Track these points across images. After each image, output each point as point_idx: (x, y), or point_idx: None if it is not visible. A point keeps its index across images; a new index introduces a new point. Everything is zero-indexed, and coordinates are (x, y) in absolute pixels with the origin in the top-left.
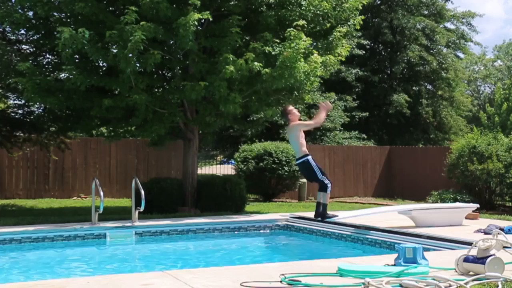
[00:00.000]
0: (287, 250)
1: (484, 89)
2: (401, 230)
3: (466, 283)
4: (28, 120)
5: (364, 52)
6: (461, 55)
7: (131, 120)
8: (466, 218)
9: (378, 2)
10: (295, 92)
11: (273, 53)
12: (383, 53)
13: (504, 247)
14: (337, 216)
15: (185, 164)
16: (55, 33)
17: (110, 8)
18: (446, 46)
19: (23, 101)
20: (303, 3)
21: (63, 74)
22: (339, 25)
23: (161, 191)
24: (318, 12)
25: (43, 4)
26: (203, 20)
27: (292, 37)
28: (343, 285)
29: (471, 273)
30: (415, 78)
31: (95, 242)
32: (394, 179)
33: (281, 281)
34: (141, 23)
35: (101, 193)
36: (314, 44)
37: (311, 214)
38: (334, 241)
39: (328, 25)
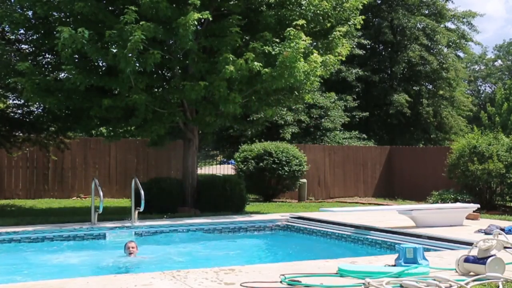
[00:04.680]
0: (287, 250)
1: (485, 88)
2: (401, 230)
3: (466, 284)
4: (27, 120)
5: (364, 52)
6: (462, 54)
7: (131, 120)
8: (466, 218)
9: (379, 2)
10: (295, 92)
11: (273, 53)
12: (383, 53)
13: (505, 247)
14: None
15: (185, 164)
16: (55, 32)
17: (110, 8)
18: (446, 46)
19: (22, 101)
20: (303, 2)
21: (62, 74)
22: (339, 25)
23: (161, 191)
24: (318, 11)
25: (42, 3)
26: (203, 20)
27: (291, 37)
28: (343, 285)
29: (471, 273)
30: (416, 78)
31: (95, 242)
32: (395, 179)
33: (281, 281)
34: (140, 23)
35: (101, 193)
36: (314, 43)
37: (311, 214)
38: (334, 241)
39: (328, 24)
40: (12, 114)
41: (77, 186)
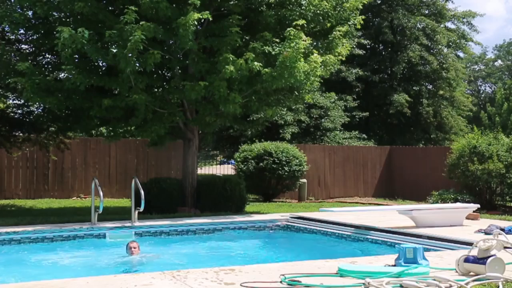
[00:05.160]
0: (287, 250)
1: (485, 88)
2: (402, 230)
3: (466, 284)
4: (27, 120)
5: (364, 52)
6: (462, 54)
7: (131, 120)
8: (466, 218)
9: (379, 2)
10: (295, 92)
11: (273, 53)
12: (383, 53)
13: (505, 247)
14: None
15: (185, 164)
16: (55, 32)
17: (110, 8)
18: (446, 46)
19: (22, 101)
20: (303, 2)
21: (62, 74)
22: (339, 25)
23: (161, 191)
24: (318, 11)
25: (42, 3)
26: (202, 20)
27: (292, 37)
28: (343, 285)
29: (471, 273)
30: (416, 78)
31: (95, 242)
32: (395, 179)
33: (281, 281)
34: (140, 23)
35: (101, 193)
36: (315, 43)
37: (311, 214)
38: (334, 241)
39: (329, 24)
40: (12, 114)
41: (77, 186)
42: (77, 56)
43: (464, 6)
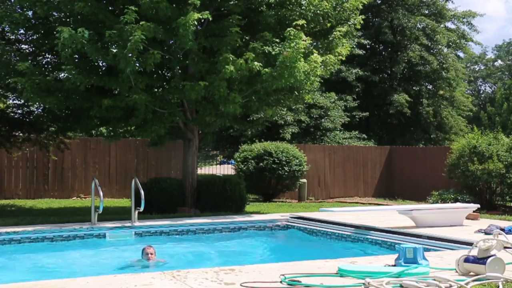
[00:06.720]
0: (287, 250)
1: (485, 88)
2: (401, 230)
3: (466, 284)
4: (27, 120)
5: (364, 52)
6: (462, 54)
7: (131, 120)
8: (466, 218)
9: (379, 2)
10: (295, 92)
11: (273, 53)
12: (383, 53)
13: (505, 247)
14: None
15: (185, 164)
16: (55, 32)
17: (110, 8)
18: (446, 46)
19: (22, 101)
20: (303, 2)
21: (62, 74)
22: (339, 25)
23: (161, 191)
24: (318, 11)
25: (42, 3)
26: (202, 20)
27: (292, 37)
28: (343, 285)
29: (471, 273)
30: (416, 78)
31: (95, 242)
32: (395, 179)
33: (281, 281)
34: (140, 23)
35: (101, 193)
36: (314, 43)
37: (311, 214)
38: (334, 241)
39: (329, 24)
40: (12, 114)
41: (77, 186)
42: (77, 56)
43: (464, 6)
